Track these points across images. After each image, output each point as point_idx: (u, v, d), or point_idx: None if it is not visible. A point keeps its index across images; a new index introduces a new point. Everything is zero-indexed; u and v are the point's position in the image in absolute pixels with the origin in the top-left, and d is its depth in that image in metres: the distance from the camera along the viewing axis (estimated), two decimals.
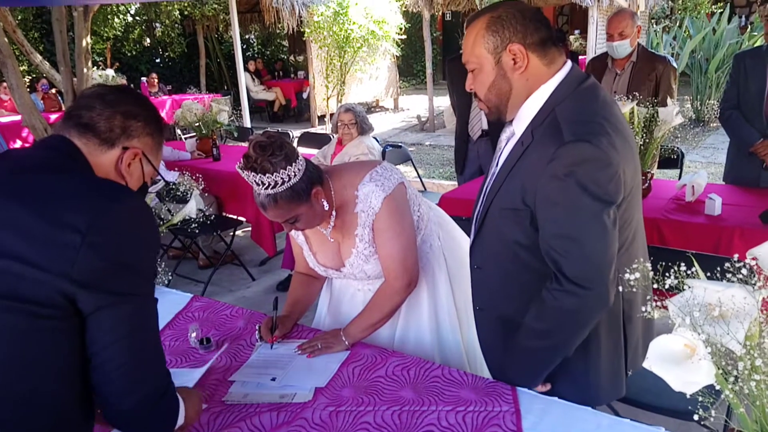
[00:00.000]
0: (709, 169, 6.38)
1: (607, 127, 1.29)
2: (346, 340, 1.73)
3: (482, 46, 1.36)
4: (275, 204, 1.57)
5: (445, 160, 7.76)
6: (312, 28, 9.98)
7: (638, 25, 3.43)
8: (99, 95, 1.17)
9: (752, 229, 2.47)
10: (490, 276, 1.54)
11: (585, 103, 1.35)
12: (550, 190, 1.29)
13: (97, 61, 11.81)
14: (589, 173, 1.25)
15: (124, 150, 1.16)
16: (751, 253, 0.96)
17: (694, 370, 0.90)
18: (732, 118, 3.24)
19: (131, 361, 1.04)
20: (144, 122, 1.19)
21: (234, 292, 4.11)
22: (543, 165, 1.29)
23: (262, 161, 1.52)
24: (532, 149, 1.35)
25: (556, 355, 1.41)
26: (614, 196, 1.29)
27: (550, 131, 1.31)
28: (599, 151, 1.25)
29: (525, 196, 1.35)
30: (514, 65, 1.35)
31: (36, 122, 5.94)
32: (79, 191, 1.04)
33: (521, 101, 1.40)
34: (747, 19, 13.47)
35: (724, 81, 8.31)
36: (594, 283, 1.30)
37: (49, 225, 0.97)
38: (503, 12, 1.35)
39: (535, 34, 1.35)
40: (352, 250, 1.78)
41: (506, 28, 1.34)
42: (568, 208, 1.28)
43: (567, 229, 1.30)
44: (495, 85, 1.39)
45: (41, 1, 6.91)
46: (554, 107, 1.34)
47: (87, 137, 1.13)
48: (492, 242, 1.50)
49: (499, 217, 1.44)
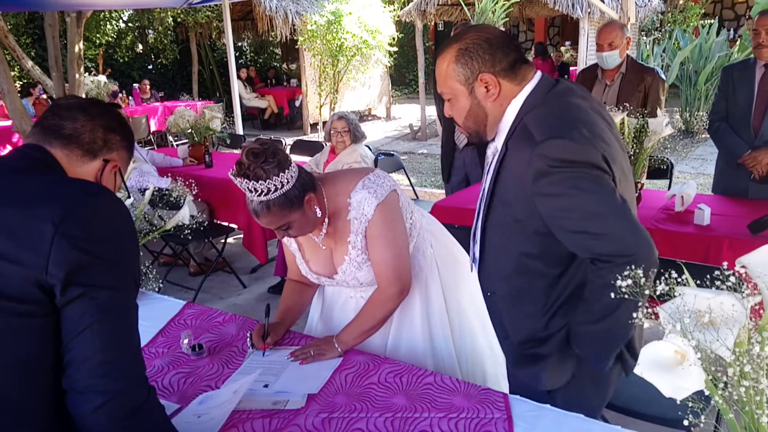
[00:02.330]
0: (698, 180, 6.44)
1: (579, 123, 1.31)
2: (339, 347, 1.73)
3: (453, 78, 1.40)
4: (268, 211, 1.58)
5: (437, 168, 7.78)
6: (305, 36, 10.01)
7: (628, 37, 3.47)
8: (81, 107, 1.20)
9: (741, 239, 2.49)
10: (505, 298, 1.55)
11: (554, 107, 1.37)
12: (542, 188, 1.31)
13: (89, 67, 11.79)
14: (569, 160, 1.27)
15: (104, 162, 1.20)
16: (740, 261, 0.98)
17: (684, 376, 0.91)
18: (721, 129, 3.28)
19: (99, 354, 0.99)
20: (121, 136, 1.24)
21: (225, 300, 4.10)
22: (523, 170, 1.32)
23: (255, 168, 1.53)
24: (507, 159, 1.40)
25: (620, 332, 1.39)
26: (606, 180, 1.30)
27: (520, 138, 1.35)
28: (572, 144, 1.27)
29: (520, 205, 1.38)
30: (487, 93, 1.39)
31: (27, 127, 5.91)
32: (54, 187, 1.06)
33: (498, 122, 1.44)
34: (735, 32, 13.64)
35: (713, 93, 8.41)
36: (634, 247, 1.28)
37: (24, 218, 0.98)
38: (470, 43, 1.37)
39: (503, 60, 1.37)
40: (345, 257, 1.79)
41: (474, 59, 1.36)
42: (569, 196, 1.30)
43: (581, 214, 1.30)
44: (471, 113, 1.43)
45: (34, 6, 6.90)
46: (523, 117, 1.37)
47: (70, 148, 1.16)
48: (499, 262, 1.52)
49: (501, 234, 1.47)
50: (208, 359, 1.75)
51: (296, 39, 10.50)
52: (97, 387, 0.99)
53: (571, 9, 8.85)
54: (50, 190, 1.05)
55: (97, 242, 1.02)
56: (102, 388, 0.99)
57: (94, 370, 0.99)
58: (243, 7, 12.31)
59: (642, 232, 1.30)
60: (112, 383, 1.00)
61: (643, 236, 1.30)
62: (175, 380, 1.64)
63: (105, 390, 0.99)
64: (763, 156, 3.07)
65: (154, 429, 1.10)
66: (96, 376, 0.99)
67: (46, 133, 1.16)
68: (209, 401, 1.52)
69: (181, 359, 1.76)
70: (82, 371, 0.99)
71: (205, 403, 1.52)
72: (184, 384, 1.62)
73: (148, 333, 1.88)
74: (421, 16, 9.78)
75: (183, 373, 1.68)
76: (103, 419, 1.00)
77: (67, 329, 1.00)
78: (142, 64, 14.50)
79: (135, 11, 13.09)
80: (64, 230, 0.98)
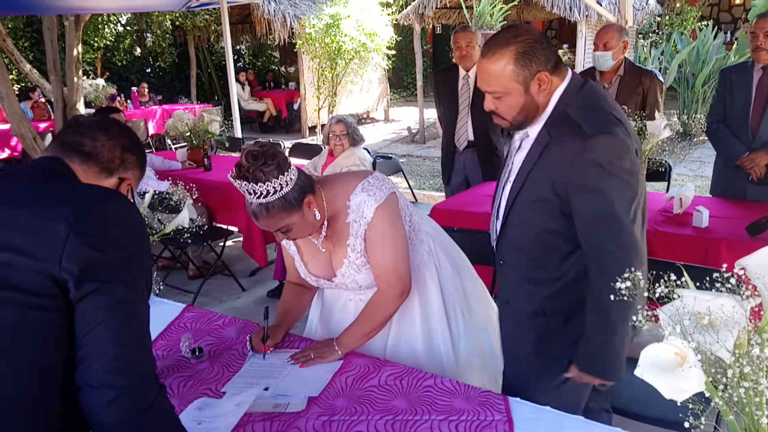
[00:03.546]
0: (696, 182, 6.46)
1: (618, 117, 1.47)
2: (339, 350, 1.73)
3: (511, 78, 1.48)
4: (267, 213, 1.58)
5: (435, 171, 7.79)
6: (303, 39, 10.02)
7: (625, 41, 3.48)
8: (103, 127, 1.24)
9: (739, 241, 2.50)
10: (517, 267, 1.67)
11: (591, 101, 1.51)
12: (583, 180, 1.45)
13: (87, 71, 11.77)
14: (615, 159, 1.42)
15: (120, 180, 1.25)
16: (740, 263, 0.98)
17: (684, 377, 0.91)
18: (718, 131, 3.29)
19: (112, 350, 1.00)
20: (137, 156, 1.28)
21: (224, 303, 4.09)
22: (571, 158, 1.44)
23: (254, 170, 1.53)
24: (552, 146, 1.51)
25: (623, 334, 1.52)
26: (637, 175, 1.47)
27: (568, 128, 1.47)
28: (618, 139, 1.43)
29: (555, 187, 1.50)
30: (540, 88, 1.49)
31: (25, 131, 5.90)
32: (69, 190, 1.11)
33: (543, 112, 1.55)
34: (732, 35, 13.69)
35: (711, 95, 8.43)
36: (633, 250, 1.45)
37: (40, 218, 1.01)
38: (528, 45, 1.45)
39: (552, 59, 1.49)
40: (344, 260, 1.79)
41: (533, 61, 1.46)
42: (601, 194, 1.44)
43: (603, 213, 1.45)
44: (524, 108, 1.52)
45: (32, 9, 6.90)
46: (564, 108, 1.50)
47: (88, 164, 1.19)
48: (520, 233, 1.63)
49: (527, 209, 1.59)
50: (208, 362, 1.75)
51: (294, 42, 10.50)
52: (110, 382, 1.00)
53: (569, 12, 8.87)
54: (65, 193, 1.09)
55: (110, 241, 1.04)
56: (115, 383, 1.00)
57: (107, 365, 1.00)
58: (241, 11, 12.33)
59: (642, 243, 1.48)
60: (125, 378, 1.01)
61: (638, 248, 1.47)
62: (175, 384, 1.64)
63: (117, 385, 1.00)
64: (760, 158, 3.08)
65: (166, 427, 1.10)
66: (109, 371, 1.00)
67: (65, 148, 1.20)
68: (209, 408, 1.52)
69: (181, 363, 1.76)
70: (95, 366, 1.00)
71: (204, 409, 1.52)
72: (185, 387, 1.62)
73: None
74: (419, 20, 9.80)
75: (183, 377, 1.68)
76: (116, 414, 1.00)
77: (81, 325, 1.01)
78: (141, 68, 14.49)
79: (133, 15, 13.09)
80: (77, 228, 1.00)
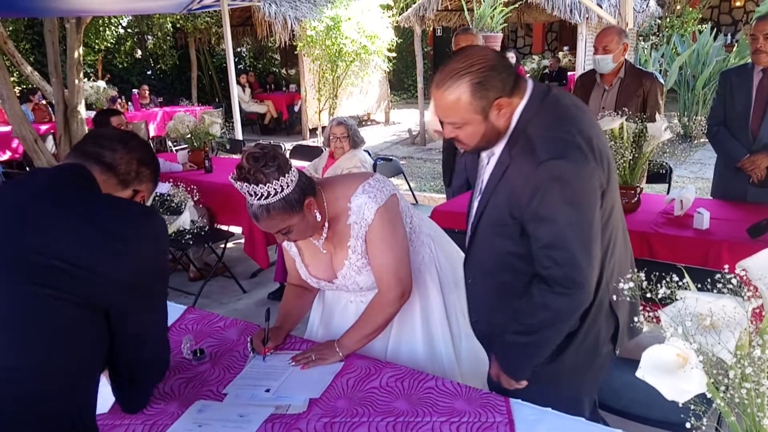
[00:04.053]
0: (696, 184, 6.46)
1: (576, 137, 1.38)
2: (340, 352, 1.73)
3: (468, 110, 1.40)
4: (268, 214, 1.58)
5: (436, 173, 7.79)
6: (304, 42, 10.03)
7: (625, 43, 3.48)
8: (122, 140, 1.31)
9: (740, 243, 2.50)
10: (485, 288, 1.62)
11: (551, 117, 1.43)
12: (533, 206, 1.38)
13: (88, 73, 11.80)
14: (566, 187, 1.35)
15: (134, 192, 1.31)
16: (741, 265, 0.99)
17: (686, 379, 0.91)
18: (719, 134, 3.30)
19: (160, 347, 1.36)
20: (152, 170, 1.35)
21: (225, 305, 4.09)
22: (524, 183, 1.38)
23: (255, 172, 1.53)
24: (511, 169, 1.44)
25: (542, 349, 1.51)
26: (593, 202, 1.38)
27: (526, 150, 1.40)
28: (572, 164, 1.34)
29: (512, 210, 1.44)
30: (500, 113, 1.42)
31: (26, 133, 5.91)
32: (119, 206, 1.23)
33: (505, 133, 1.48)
34: (732, 37, 13.70)
35: (711, 97, 8.44)
36: (579, 286, 1.40)
37: (99, 234, 1.13)
38: (483, 75, 1.37)
39: (510, 81, 1.41)
40: (345, 261, 1.79)
41: (490, 90, 1.38)
42: (551, 220, 1.38)
43: (553, 240, 1.39)
44: (485, 135, 1.46)
45: (33, 12, 6.91)
46: (526, 127, 1.42)
47: (107, 175, 1.26)
48: (486, 255, 1.58)
49: (490, 232, 1.54)
50: (209, 364, 1.75)
51: (295, 44, 10.52)
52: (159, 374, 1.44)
53: (569, 14, 8.88)
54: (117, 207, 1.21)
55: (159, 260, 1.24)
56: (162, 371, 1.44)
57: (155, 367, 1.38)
58: (242, 13, 12.35)
59: (591, 278, 1.41)
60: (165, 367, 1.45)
61: (590, 281, 1.41)
62: (176, 385, 1.64)
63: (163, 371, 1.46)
64: (761, 160, 3.08)
65: None
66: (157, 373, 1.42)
67: (86, 158, 1.26)
68: (209, 411, 1.52)
69: (182, 364, 1.76)
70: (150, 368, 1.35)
71: (204, 412, 1.52)
72: (186, 389, 1.62)
73: None
74: (419, 22, 9.81)
75: (184, 378, 1.68)
76: None
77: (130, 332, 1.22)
78: (142, 70, 14.52)
79: (134, 17, 13.11)
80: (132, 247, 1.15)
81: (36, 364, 1.08)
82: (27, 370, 1.07)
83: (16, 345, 1.07)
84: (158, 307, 1.30)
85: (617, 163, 2.90)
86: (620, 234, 1.57)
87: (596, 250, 1.41)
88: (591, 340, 1.56)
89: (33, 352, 1.08)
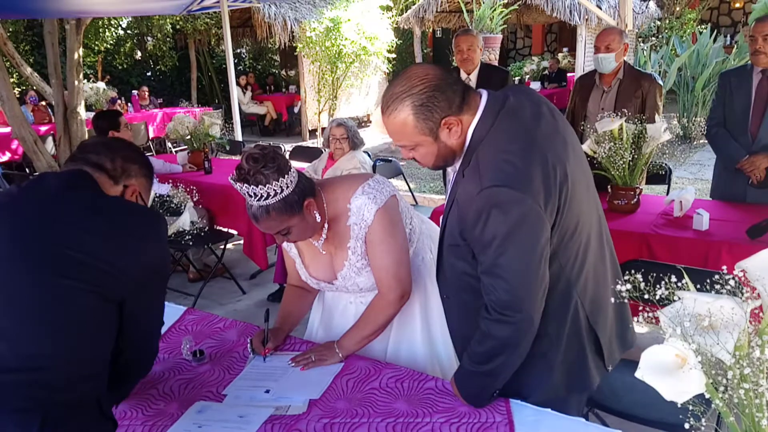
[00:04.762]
0: (696, 185, 6.46)
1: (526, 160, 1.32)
2: (340, 353, 1.74)
3: (416, 133, 1.36)
4: (267, 215, 1.58)
5: (436, 174, 7.79)
6: (304, 43, 10.04)
7: (625, 43, 3.49)
8: (104, 144, 1.42)
9: (739, 244, 2.50)
10: (456, 304, 1.59)
11: (503, 136, 1.37)
12: (476, 231, 1.34)
13: (88, 74, 11.80)
14: (505, 214, 1.30)
15: (125, 187, 1.40)
16: (740, 265, 0.99)
17: (685, 379, 0.91)
18: (718, 135, 3.30)
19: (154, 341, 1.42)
20: (139, 165, 1.44)
21: (224, 306, 4.10)
22: (468, 206, 1.35)
23: (254, 173, 1.54)
24: (461, 190, 1.40)
25: (497, 378, 1.45)
26: (535, 230, 1.32)
27: (473, 173, 1.36)
28: (514, 192, 1.29)
29: (462, 232, 1.42)
30: (450, 132, 1.37)
31: (26, 134, 5.91)
32: (131, 207, 1.33)
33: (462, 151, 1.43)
34: (732, 39, 13.72)
35: (711, 99, 8.45)
36: (517, 312, 1.35)
37: (117, 231, 1.23)
38: (425, 96, 1.33)
39: (456, 99, 1.36)
40: (345, 262, 1.79)
41: (434, 111, 1.34)
42: (492, 246, 1.33)
43: (492, 265, 1.35)
44: (440, 155, 1.42)
45: (33, 13, 6.91)
46: (477, 146, 1.38)
47: (99, 173, 1.35)
48: (449, 274, 1.56)
49: (448, 252, 1.52)
50: (209, 365, 1.75)
51: (295, 46, 10.53)
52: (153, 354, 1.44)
53: (569, 16, 8.91)
54: (130, 209, 1.32)
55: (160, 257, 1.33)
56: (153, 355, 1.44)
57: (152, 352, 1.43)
58: (242, 14, 12.36)
59: (531, 304, 1.35)
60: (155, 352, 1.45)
61: (529, 308, 1.35)
62: (176, 386, 1.64)
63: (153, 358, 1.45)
64: (760, 161, 3.08)
65: None
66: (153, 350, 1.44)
67: (79, 163, 1.36)
68: (209, 412, 1.53)
69: (182, 365, 1.76)
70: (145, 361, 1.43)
71: (204, 413, 1.52)
72: (186, 390, 1.63)
73: None
74: (419, 23, 9.84)
75: (184, 379, 1.68)
76: None
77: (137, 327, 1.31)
78: (141, 71, 14.53)
79: (134, 18, 13.12)
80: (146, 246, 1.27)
81: (63, 352, 1.16)
82: (56, 358, 1.15)
83: (47, 334, 1.15)
84: (157, 308, 1.39)
85: (617, 164, 2.90)
86: (596, 249, 1.50)
87: (537, 277, 1.35)
88: (573, 356, 1.49)
89: (61, 341, 1.16)
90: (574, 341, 1.48)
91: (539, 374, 1.49)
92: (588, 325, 1.49)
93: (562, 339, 1.46)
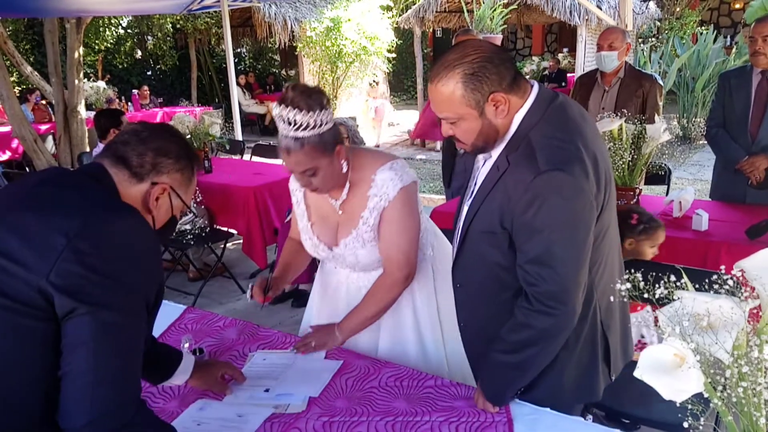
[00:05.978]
0: (695, 186, 6.46)
1: (581, 150, 1.31)
2: (340, 336, 1.74)
3: (462, 103, 1.33)
4: (301, 148, 1.55)
5: (435, 174, 7.80)
6: (304, 42, 10.04)
7: (628, 43, 3.50)
8: (135, 132, 1.23)
9: (738, 244, 2.50)
10: (472, 294, 1.56)
11: (556, 126, 1.35)
12: (527, 217, 1.31)
13: (88, 73, 11.80)
14: (564, 201, 1.28)
15: (152, 185, 1.21)
16: (739, 265, 0.99)
17: (683, 378, 0.92)
18: (718, 135, 3.30)
19: (91, 373, 1.00)
20: (175, 159, 1.23)
21: (224, 305, 4.10)
22: (520, 192, 1.32)
23: (299, 100, 1.52)
24: (508, 175, 1.37)
25: (525, 372, 1.43)
26: (588, 221, 1.32)
27: (525, 158, 1.33)
28: (573, 179, 1.28)
29: (503, 219, 1.38)
30: (497, 110, 1.35)
31: (26, 133, 5.92)
32: (82, 201, 1.09)
33: (505, 135, 1.41)
34: (732, 39, 13.72)
35: (710, 99, 8.45)
36: (563, 305, 1.33)
37: (41, 225, 1.02)
38: (477, 66, 1.30)
39: (507, 76, 1.34)
40: (353, 230, 1.77)
41: (484, 82, 1.31)
42: (543, 233, 1.31)
43: (542, 254, 1.32)
44: (482, 133, 1.38)
45: (33, 12, 6.91)
46: (528, 132, 1.35)
47: (118, 168, 1.19)
48: (472, 262, 1.52)
49: (479, 239, 1.47)
50: None
51: (295, 45, 10.53)
52: (85, 405, 1.00)
53: (569, 16, 8.91)
54: (74, 203, 1.08)
55: (108, 261, 1.03)
56: (89, 408, 1.00)
57: (84, 388, 1.00)
58: (242, 14, 12.36)
59: (576, 298, 1.34)
60: (100, 404, 1.01)
61: (575, 301, 1.34)
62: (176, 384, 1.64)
63: (92, 410, 1.00)
64: (760, 162, 3.09)
65: None
66: (86, 395, 1.00)
67: (105, 153, 1.21)
68: (209, 409, 1.53)
69: None
70: (73, 387, 1.00)
71: (204, 410, 1.52)
72: (185, 388, 1.62)
73: None
74: (419, 23, 9.83)
75: None
76: None
77: (65, 342, 1.01)
78: (141, 70, 14.52)
79: (134, 18, 13.11)
80: (75, 244, 1.00)
81: None
82: None
83: None
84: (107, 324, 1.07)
85: (616, 165, 2.90)
86: (615, 256, 1.50)
87: (584, 270, 1.34)
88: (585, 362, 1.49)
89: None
90: (588, 347, 1.48)
91: (549, 380, 1.47)
92: (602, 330, 1.48)
93: (578, 343, 1.45)
